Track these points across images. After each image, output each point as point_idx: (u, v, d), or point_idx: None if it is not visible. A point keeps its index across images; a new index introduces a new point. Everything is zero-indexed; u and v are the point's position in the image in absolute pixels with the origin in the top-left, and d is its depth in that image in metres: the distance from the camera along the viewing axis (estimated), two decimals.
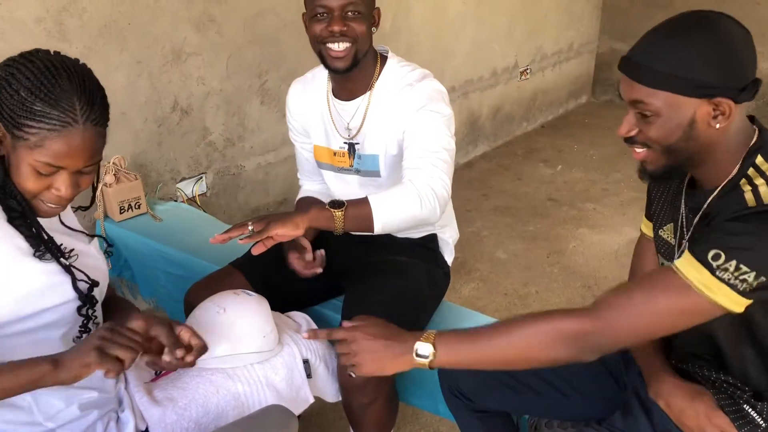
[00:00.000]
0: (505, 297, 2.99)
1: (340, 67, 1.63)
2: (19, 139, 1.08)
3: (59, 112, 1.06)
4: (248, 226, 1.40)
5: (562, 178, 4.34)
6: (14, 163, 1.11)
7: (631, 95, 1.15)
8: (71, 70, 1.10)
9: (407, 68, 1.73)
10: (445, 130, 1.62)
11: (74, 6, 2.30)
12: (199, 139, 2.85)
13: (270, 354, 1.52)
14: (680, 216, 1.32)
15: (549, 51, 5.19)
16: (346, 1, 1.56)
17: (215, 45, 2.79)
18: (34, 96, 1.05)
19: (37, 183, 1.11)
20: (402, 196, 1.50)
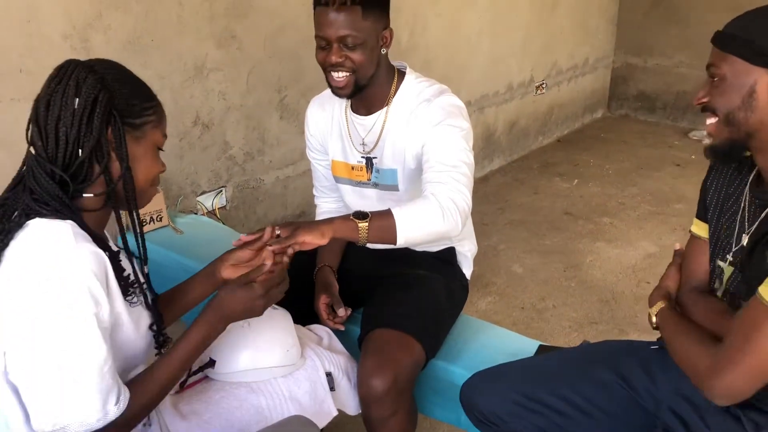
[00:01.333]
0: (522, 311, 2.99)
1: (342, 95, 1.68)
2: (142, 126, 1.18)
3: (149, 89, 1.23)
4: (276, 230, 1.42)
5: (578, 192, 4.34)
6: (138, 158, 1.19)
7: (709, 60, 1.25)
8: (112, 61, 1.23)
9: (425, 84, 1.75)
10: (464, 144, 1.64)
11: (99, 22, 2.36)
12: (220, 153, 2.89)
13: (293, 368, 1.53)
14: (741, 210, 1.33)
15: (564, 66, 5.21)
16: (344, 33, 1.57)
17: (236, 60, 2.83)
18: (135, 82, 1.20)
19: (158, 164, 1.24)
20: (425, 210, 1.51)
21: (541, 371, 1.53)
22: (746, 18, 1.23)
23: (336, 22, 1.56)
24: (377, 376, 1.54)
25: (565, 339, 2.78)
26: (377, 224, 1.48)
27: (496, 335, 1.88)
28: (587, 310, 3.01)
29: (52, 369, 1.07)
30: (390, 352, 1.58)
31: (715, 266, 1.38)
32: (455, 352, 1.78)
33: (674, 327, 1.36)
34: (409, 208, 1.51)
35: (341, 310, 1.73)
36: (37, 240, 1.09)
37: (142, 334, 1.26)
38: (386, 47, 1.68)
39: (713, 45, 1.25)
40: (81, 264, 1.08)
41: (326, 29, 1.58)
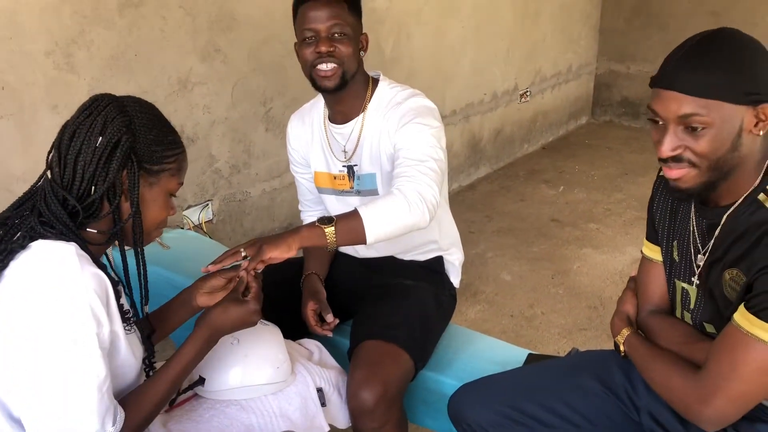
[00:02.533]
0: (511, 319, 3.00)
1: (329, 86, 1.68)
2: (158, 174, 1.21)
3: (177, 135, 1.26)
4: (241, 252, 1.41)
5: (564, 199, 4.37)
6: (148, 203, 1.21)
7: (679, 110, 1.14)
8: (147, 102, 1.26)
9: (398, 89, 1.78)
10: (433, 141, 1.63)
11: (82, 38, 2.35)
12: (206, 166, 2.88)
13: (283, 384, 1.52)
14: (689, 233, 1.33)
15: (548, 73, 5.24)
16: (333, 23, 1.62)
17: (220, 74, 2.83)
18: (163, 130, 1.22)
19: (167, 208, 1.26)
20: (390, 204, 1.50)
21: (527, 382, 1.53)
22: (705, 58, 1.14)
23: (324, 13, 1.61)
24: (367, 388, 1.54)
25: (554, 346, 2.79)
26: (344, 227, 1.46)
27: (485, 345, 1.88)
28: (576, 316, 3.02)
29: (55, 388, 1.07)
30: (379, 363, 1.58)
31: (675, 288, 1.39)
32: (445, 362, 1.78)
33: (645, 355, 1.36)
34: (374, 206, 1.50)
35: (329, 317, 1.72)
36: (41, 260, 1.10)
37: (137, 360, 1.26)
38: (364, 51, 1.72)
39: (678, 91, 1.14)
40: (84, 284, 1.09)
41: (315, 22, 1.62)
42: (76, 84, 2.34)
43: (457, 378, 1.71)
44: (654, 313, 1.44)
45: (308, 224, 1.47)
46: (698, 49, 1.15)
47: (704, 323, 1.32)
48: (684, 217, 1.35)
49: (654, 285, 1.45)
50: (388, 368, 1.57)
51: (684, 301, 1.37)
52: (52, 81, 2.28)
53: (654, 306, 1.44)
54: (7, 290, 1.09)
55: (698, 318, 1.33)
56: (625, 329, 1.44)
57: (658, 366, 1.33)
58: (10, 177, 2.17)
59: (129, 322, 1.23)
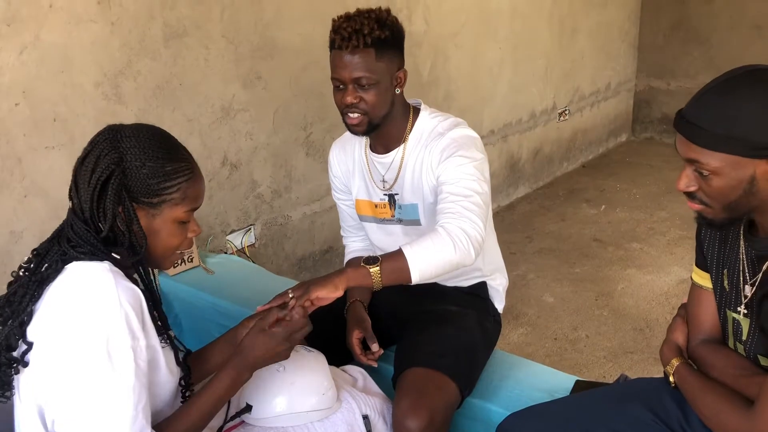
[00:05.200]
0: (555, 342, 2.95)
1: (356, 132, 1.71)
2: (159, 205, 1.19)
3: (184, 163, 1.21)
4: (288, 293, 1.43)
5: (606, 218, 4.31)
6: (155, 232, 1.20)
7: (687, 154, 1.17)
8: (155, 129, 1.24)
9: (439, 118, 1.77)
10: (476, 174, 1.63)
11: (129, 69, 2.42)
12: (248, 191, 2.92)
13: (329, 411, 1.52)
14: (739, 262, 1.31)
15: (587, 91, 5.21)
16: (357, 75, 1.61)
17: (262, 100, 2.88)
18: (160, 161, 1.18)
19: (180, 235, 1.23)
20: (435, 244, 1.50)
21: (577, 412, 1.50)
22: (717, 107, 1.13)
23: (350, 65, 1.60)
24: (413, 416, 1.52)
25: (600, 370, 2.74)
26: (389, 266, 1.48)
27: (531, 371, 1.85)
28: (621, 339, 2.96)
29: (89, 401, 1.09)
30: (425, 392, 1.56)
31: (726, 317, 1.35)
32: (491, 389, 1.76)
33: (696, 387, 1.33)
34: (418, 245, 1.51)
35: (374, 346, 1.72)
36: (77, 277, 1.13)
37: (174, 377, 1.27)
38: (400, 87, 1.71)
39: (686, 137, 1.16)
40: (118, 298, 1.11)
41: (341, 71, 1.62)
42: (123, 114, 2.40)
43: (503, 406, 1.69)
44: (705, 342, 1.40)
45: (353, 265, 1.50)
46: (713, 97, 1.15)
47: (758, 356, 1.28)
48: (733, 244, 1.32)
49: (705, 313, 1.41)
50: (435, 396, 1.56)
51: (736, 332, 1.33)
52: (100, 111, 2.34)
53: (705, 335, 1.41)
54: (48, 310, 1.13)
55: (752, 350, 1.30)
56: (674, 359, 1.40)
57: (708, 399, 1.29)
58: (62, 206, 2.23)
59: (164, 336, 1.24)
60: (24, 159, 2.20)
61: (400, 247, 1.51)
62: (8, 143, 2.15)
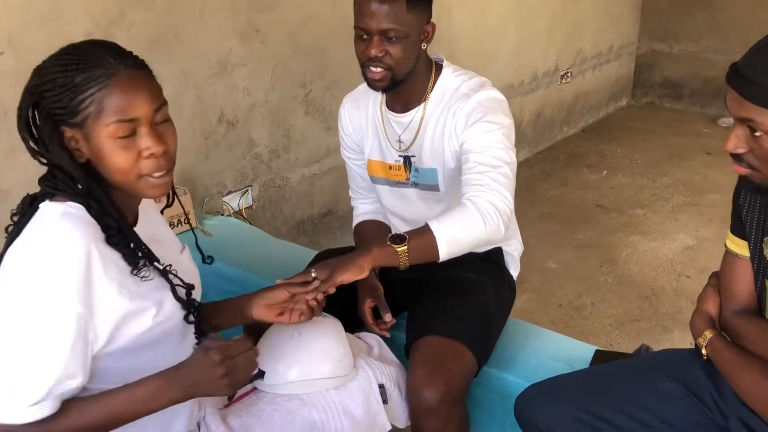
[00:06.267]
0: (559, 309, 2.90)
1: (378, 87, 1.60)
2: (84, 122, 1.05)
3: (99, 69, 1.05)
4: (311, 273, 1.36)
5: (608, 184, 4.23)
6: (98, 155, 1.07)
7: (740, 112, 1.08)
8: (91, 42, 1.11)
9: (463, 77, 1.66)
10: (506, 142, 1.54)
11: (122, 20, 2.28)
12: (245, 151, 2.81)
13: (346, 379, 1.45)
14: None
15: (589, 54, 5.08)
16: (386, 26, 1.49)
17: (260, 55, 2.75)
18: (71, 73, 1.04)
19: (125, 155, 1.07)
20: (464, 219, 1.43)
21: (601, 384, 1.43)
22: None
23: (379, 14, 1.48)
24: (429, 386, 1.45)
25: (606, 338, 2.68)
26: (416, 244, 1.41)
27: (548, 340, 1.79)
28: (627, 306, 2.90)
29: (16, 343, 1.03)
30: (441, 361, 1.49)
31: (764, 287, 1.28)
32: (506, 358, 1.69)
33: (732, 360, 1.27)
34: (447, 221, 1.43)
35: (387, 316, 1.64)
36: (32, 226, 1.07)
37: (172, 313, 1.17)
38: (427, 42, 1.60)
39: (740, 94, 1.09)
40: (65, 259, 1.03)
41: (368, 20, 1.49)
42: None
43: (520, 376, 1.63)
44: (740, 313, 1.33)
45: (379, 244, 1.42)
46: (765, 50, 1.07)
47: None
48: None
49: (740, 282, 1.34)
50: (451, 366, 1.49)
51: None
52: None
53: (740, 305, 1.34)
54: (9, 253, 1.07)
55: None
56: (707, 331, 1.33)
57: (746, 373, 1.23)
58: None
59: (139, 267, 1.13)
60: (10, 112, 2.03)
61: (426, 223, 1.42)
62: None
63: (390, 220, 1.87)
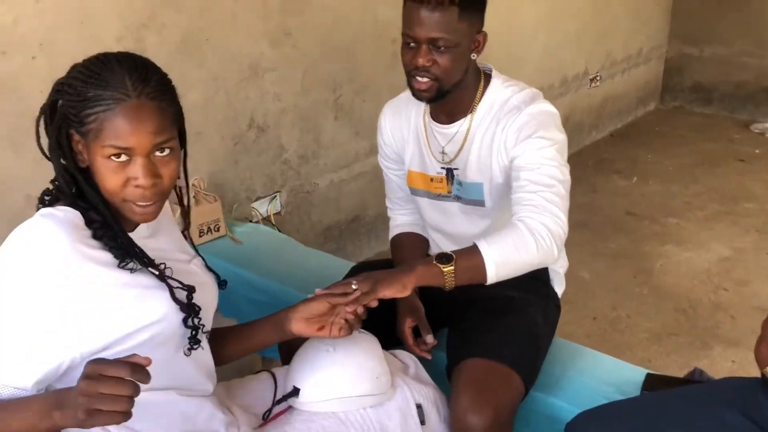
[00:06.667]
0: (594, 321, 2.82)
1: (422, 98, 1.53)
2: (86, 135, 1.05)
3: (111, 91, 1.03)
4: (352, 285, 1.31)
5: (638, 191, 4.14)
6: (94, 168, 1.07)
7: None
8: (122, 56, 1.08)
9: (514, 88, 1.59)
10: (559, 159, 1.48)
11: (153, 22, 2.23)
12: (275, 156, 2.75)
13: (383, 397, 1.39)
14: None
15: (618, 57, 4.99)
16: (435, 35, 1.42)
17: (291, 59, 2.69)
18: (87, 85, 1.04)
19: (114, 177, 1.06)
20: (515, 241, 1.37)
21: (657, 413, 1.35)
22: None
23: (429, 22, 1.41)
24: (476, 412, 1.39)
25: (644, 353, 2.60)
26: (464, 265, 1.35)
27: (594, 361, 1.71)
28: (664, 319, 2.82)
29: None
30: (488, 385, 1.42)
31: None
32: (553, 381, 1.62)
33: None
34: (497, 242, 1.37)
35: (429, 337, 1.58)
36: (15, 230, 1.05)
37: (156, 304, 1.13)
38: (478, 52, 1.53)
39: None
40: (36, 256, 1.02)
41: (416, 28, 1.42)
42: None
43: (568, 400, 1.56)
44: None
45: (424, 262, 1.37)
46: None
47: None
48: None
49: None
50: (499, 391, 1.42)
51: None
52: None
53: None
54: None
55: None
56: None
57: None
58: None
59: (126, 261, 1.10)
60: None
61: (474, 243, 1.36)
62: (22, 100, 1.98)
63: (429, 233, 1.81)
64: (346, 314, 1.31)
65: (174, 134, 1.10)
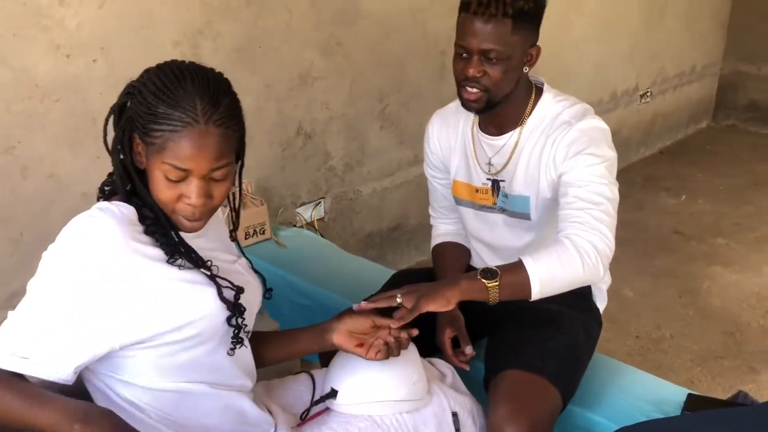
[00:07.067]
0: (636, 340, 2.77)
1: (473, 109, 1.54)
2: (149, 146, 1.08)
3: (180, 112, 1.05)
4: (397, 298, 1.34)
5: (687, 210, 4.06)
6: (150, 175, 1.10)
7: None
8: (197, 74, 1.09)
9: (565, 103, 1.59)
10: (608, 176, 1.47)
11: (209, 29, 2.30)
12: (321, 163, 2.80)
13: (420, 403, 1.41)
14: None
15: (671, 73, 4.91)
16: (488, 46, 1.43)
17: (340, 69, 2.74)
18: (158, 100, 1.06)
19: (168, 192, 1.09)
20: (561, 258, 1.37)
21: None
22: None
23: (481, 34, 1.42)
24: (512, 424, 1.38)
25: (687, 375, 2.55)
26: (508, 281, 1.36)
27: (633, 378, 1.70)
28: (709, 342, 2.76)
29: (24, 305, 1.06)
30: (525, 397, 1.42)
31: None
32: (592, 396, 1.61)
33: None
34: (542, 258, 1.37)
35: (468, 348, 1.59)
36: (73, 221, 1.09)
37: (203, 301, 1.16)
38: (530, 65, 1.53)
39: None
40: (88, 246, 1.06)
41: (469, 39, 1.44)
42: None
43: (607, 416, 1.54)
44: None
45: (468, 276, 1.38)
46: None
47: None
48: None
49: None
50: (536, 403, 1.42)
51: None
52: None
53: None
54: None
55: None
56: None
57: None
58: None
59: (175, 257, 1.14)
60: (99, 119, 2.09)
61: (520, 259, 1.37)
62: (84, 101, 2.07)
63: (471, 244, 1.82)
64: (387, 337, 1.32)
65: (232, 158, 1.13)
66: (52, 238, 1.10)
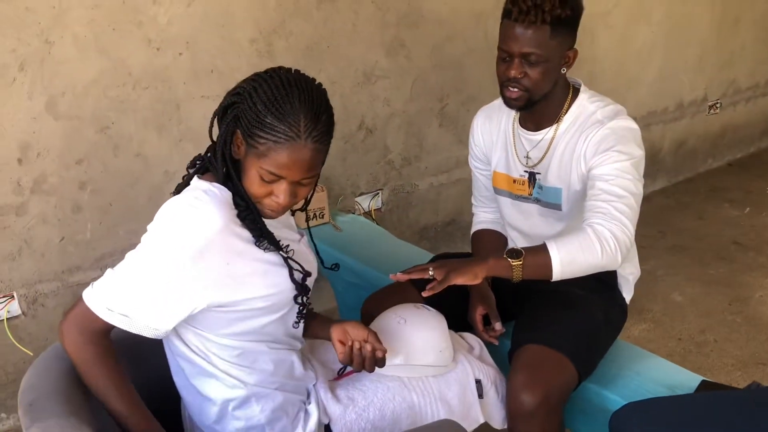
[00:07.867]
0: (679, 342, 2.82)
1: (514, 107, 1.68)
2: (250, 147, 1.21)
3: (286, 127, 1.17)
4: (429, 271, 1.48)
5: (749, 222, 4.02)
6: (245, 168, 1.25)
7: None
8: (303, 89, 1.20)
9: (599, 103, 1.70)
10: (634, 173, 1.58)
11: (283, 29, 2.52)
12: (380, 157, 2.98)
13: (444, 369, 1.56)
14: None
15: (743, 85, 4.84)
16: (528, 50, 1.56)
17: (403, 68, 2.91)
18: (267, 110, 1.18)
19: (260, 188, 1.24)
20: (582, 244, 1.49)
21: (701, 411, 1.43)
22: None
23: (522, 38, 1.55)
24: (528, 391, 1.53)
25: (726, 377, 2.59)
26: (532, 261, 1.49)
27: (652, 364, 1.79)
28: (754, 349, 2.77)
29: (124, 266, 1.21)
30: (542, 369, 1.56)
31: None
32: (609, 377, 1.72)
33: None
34: (564, 243, 1.50)
35: (498, 325, 1.73)
36: (183, 195, 1.24)
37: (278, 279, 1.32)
38: (567, 67, 1.66)
39: None
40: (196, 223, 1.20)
41: (511, 43, 1.58)
42: None
43: (620, 395, 1.65)
44: None
45: (496, 255, 1.52)
46: None
47: None
48: None
49: None
50: (551, 374, 1.55)
51: None
52: (253, 67, 2.42)
53: None
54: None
55: None
56: None
57: None
58: None
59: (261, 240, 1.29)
60: (182, 106, 2.37)
61: (544, 242, 1.50)
62: (170, 89, 2.32)
63: (508, 231, 1.95)
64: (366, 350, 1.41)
65: (321, 168, 1.27)
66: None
